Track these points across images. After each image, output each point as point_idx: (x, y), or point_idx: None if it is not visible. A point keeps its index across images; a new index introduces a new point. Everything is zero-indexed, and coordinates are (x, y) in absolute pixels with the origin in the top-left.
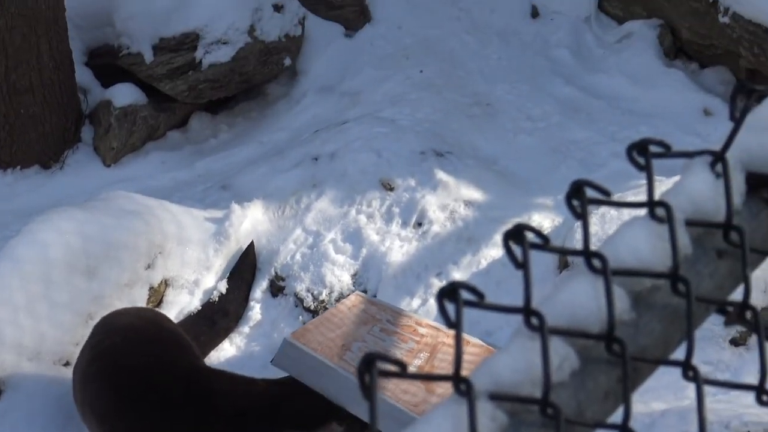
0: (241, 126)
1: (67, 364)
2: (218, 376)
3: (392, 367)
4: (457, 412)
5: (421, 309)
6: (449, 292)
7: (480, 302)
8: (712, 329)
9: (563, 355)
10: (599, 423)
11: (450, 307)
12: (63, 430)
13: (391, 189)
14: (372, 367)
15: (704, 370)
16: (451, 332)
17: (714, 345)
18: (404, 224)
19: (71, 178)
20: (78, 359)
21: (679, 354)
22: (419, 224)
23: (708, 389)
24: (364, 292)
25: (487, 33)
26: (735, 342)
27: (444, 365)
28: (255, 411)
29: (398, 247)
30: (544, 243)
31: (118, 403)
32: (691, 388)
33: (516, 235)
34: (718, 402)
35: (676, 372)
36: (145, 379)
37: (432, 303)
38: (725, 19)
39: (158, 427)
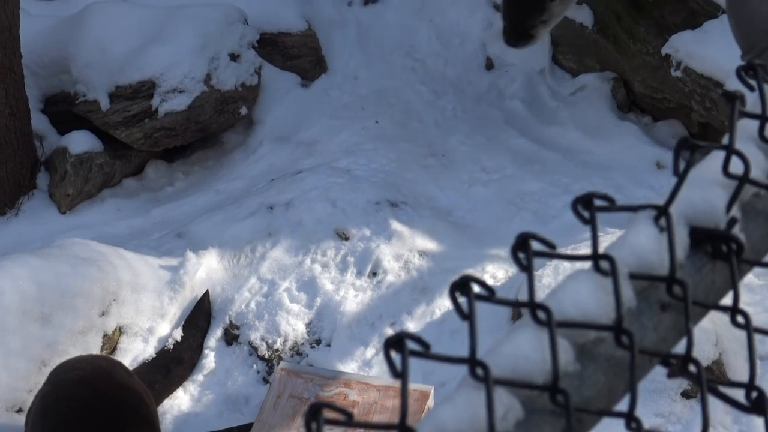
0: (197, 174)
1: (20, 410)
2: None
3: (338, 416)
4: None
5: (374, 359)
6: (395, 342)
7: (425, 352)
8: (663, 382)
9: (508, 406)
10: None
11: (396, 357)
12: None
13: (346, 239)
14: (318, 416)
15: (656, 422)
16: (382, 385)
17: (665, 397)
18: (359, 274)
19: (26, 225)
20: (30, 406)
21: (622, 405)
22: (374, 274)
23: None
24: (318, 341)
25: (442, 84)
26: (686, 394)
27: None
28: None
29: (353, 297)
30: (489, 295)
31: None
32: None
33: (462, 286)
34: None
35: (621, 424)
36: None
37: (380, 355)
38: (677, 73)
39: None
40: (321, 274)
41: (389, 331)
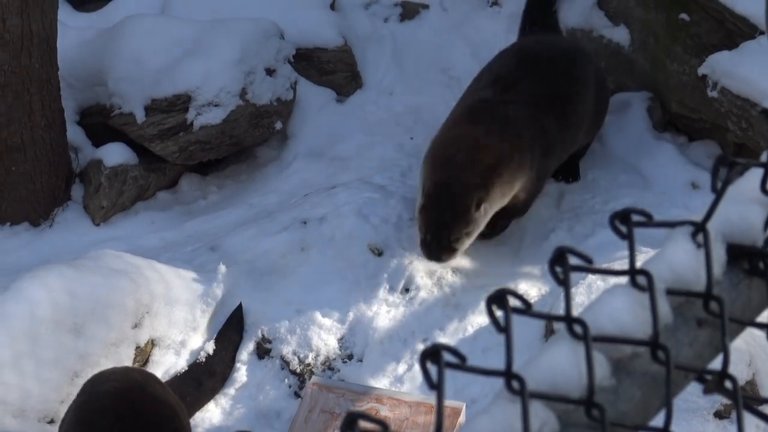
0: (230, 188)
1: (51, 421)
2: None
3: (374, 427)
4: None
5: (406, 374)
6: (432, 354)
7: (462, 365)
8: (697, 401)
9: (543, 419)
10: None
11: (432, 369)
12: None
13: (380, 254)
14: (354, 426)
15: None
16: (413, 401)
17: (698, 417)
18: (391, 289)
19: (60, 236)
20: (64, 417)
21: (657, 421)
22: (406, 290)
23: None
24: (350, 357)
25: None
26: (719, 414)
27: None
28: None
29: (385, 312)
30: (526, 308)
31: None
32: None
33: (499, 299)
34: None
35: None
36: None
37: (417, 369)
38: (714, 93)
39: None
40: (353, 290)
41: (421, 347)
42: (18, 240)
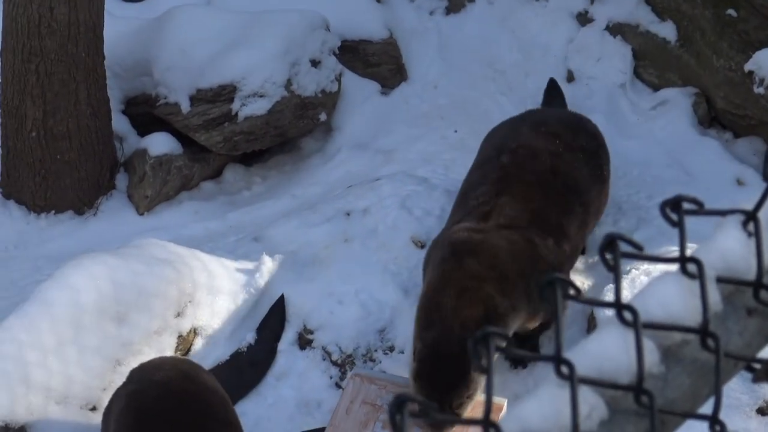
0: (274, 179)
1: (94, 408)
2: None
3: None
4: None
5: None
6: (482, 338)
7: (509, 348)
8: (740, 398)
9: (592, 405)
10: None
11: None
12: None
13: (422, 246)
14: (403, 408)
15: None
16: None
17: (741, 413)
18: None
19: (104, 225)
20: (111, 403)
21: (706, 409)
22: None
23: None
24: (391, 348)
25: (521, 95)
26: (762, 411)
27: None
28: None
29: None
30: (576, 294)
31: None
32: None
33: (551, 285)
34: None
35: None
36: None
37: None
38: (760, 90)
39: None
40: (395, 281)
41: None
42: (62, 228)
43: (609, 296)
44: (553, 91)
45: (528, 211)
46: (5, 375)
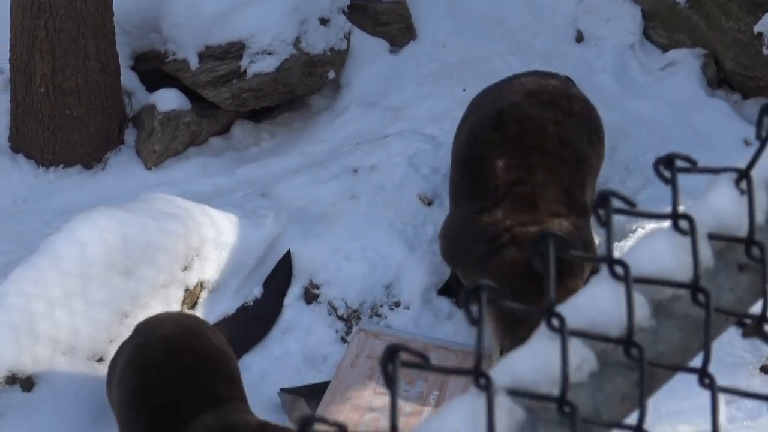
0: (283, 136)
1: (100, 360)
2: (238, 415)
3: (414, 359)
4: (475, 405)
5: (452, 323)
6: (473, 292)
7: (501, 302)
8: (743, 356)
9: (582, 357)
10: (615, 423)
11: (474, 309)
12: (94, 424)
13: (429, 204)
14: (395, 358)
15: (733, 397)
16: (460, 350)
17: (744, 372)
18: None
19: (113, 180)
20: (116, 356)
21: (696, 363)
22: None
23: (735, 414)
24: (396, 304)
25: (530, 55)
26: (765, 369)
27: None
28: None
29: (431, 261)
30: (566, 248)
31: (145, 413)
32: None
33: (541, 242)
34: (745, 428)
35: (706, 394)
36: (166, 398)
37: (460, 316)
38: None
39: None
40: (402, 238)
41: None
42: (71, 182)
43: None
44: None
45: (562, 191)
46: (12, 326)
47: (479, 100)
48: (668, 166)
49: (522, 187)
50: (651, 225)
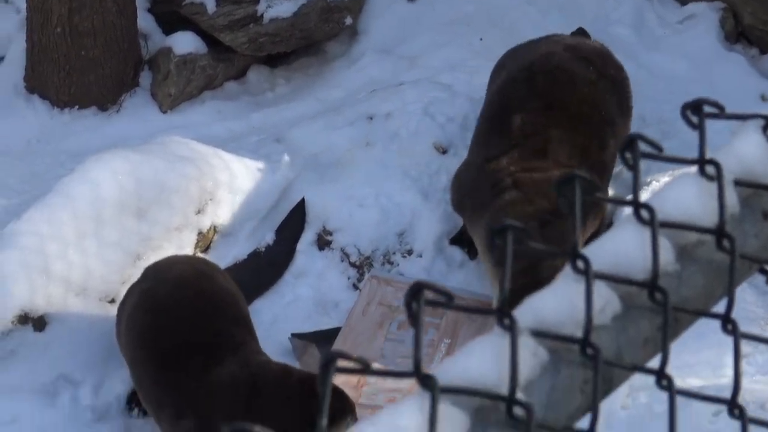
0: (298, 81)
1: (112, 301)
2: (258, 359)
3: (438, 297)
4: (499, 345)
5: (463, 271)
6: (499, 232)
7: (526, 241)
8: (755, 310)
9: (606, 299)
10: (637, 367)
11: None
12: (104, 365)
13: (444, 152)
14: (419, 296)
15: (745, 350)
16: (472, 299)
17: (755, 326)
18: None
19: (127, 122)
20: (125, 299)
21: (718, 308)
22: None
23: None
24: (409, 252)
25: (548, 5)
26: None
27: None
28: (287, 399)
29: (445, 210)
30: (591, 190)
31: (154, 357)
32: (729, 366)
33: (566, 183)
34: (755, 383)
35: (715, 348)
36: (178, 340)
37: (472, 266)
38: None
39: (185, 392)
40: (416, 186)
41: None
42: (86, 123)
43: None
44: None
45: (578, 149)
46: (26, 266)
47: (514, 50)
48: (696, 111)
49: (536, 139)
50: (666, 179)
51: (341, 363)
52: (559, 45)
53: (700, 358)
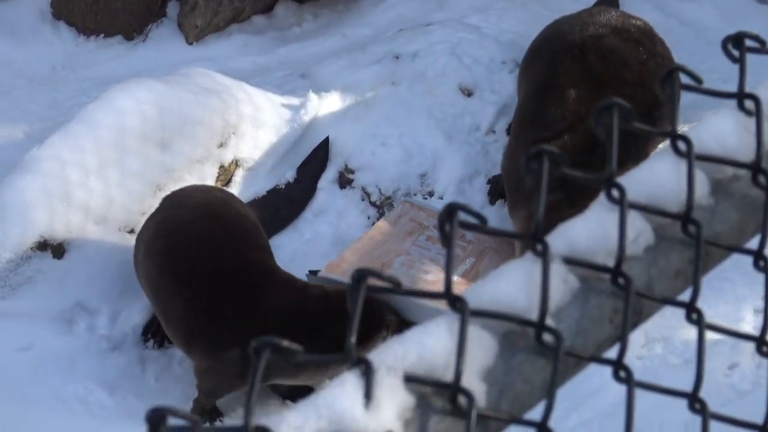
0: (326, 17)
1: (132, 231)
2: (281, 277)
3: (472, 220)
4: (530, 270)
5: (486, 211)
6: (534, 157)
7: (563, 167)
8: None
9: (639, 230)
10: (668, 300)
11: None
12: (121, 295)
13: (469, 95)
14: (453, 217)
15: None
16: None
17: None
18: (476, 130)
19: (153, 52)
20: (143, 229)
21: (752, 244)
22: (493, 131)
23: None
24: (431, 193)
25: None
26: None
27: (489, 272)
28: (315, 314)
29: (468, 152)
30: (630, 119)
31: (174, 284)
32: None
33: (605, 111)
34: None
35: (731, 302)
36: (206, 268)
37: (493, 211)
38: None
39: (224, 322)
40: (440, 128)
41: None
42: (111, 52)
43: None
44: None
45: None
46: (46, 192)
47: (558, 27)
48: (737, 45)
49: (588, 123)
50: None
51: (371, 281)
52: (607, 28)
53: (717, 312)
